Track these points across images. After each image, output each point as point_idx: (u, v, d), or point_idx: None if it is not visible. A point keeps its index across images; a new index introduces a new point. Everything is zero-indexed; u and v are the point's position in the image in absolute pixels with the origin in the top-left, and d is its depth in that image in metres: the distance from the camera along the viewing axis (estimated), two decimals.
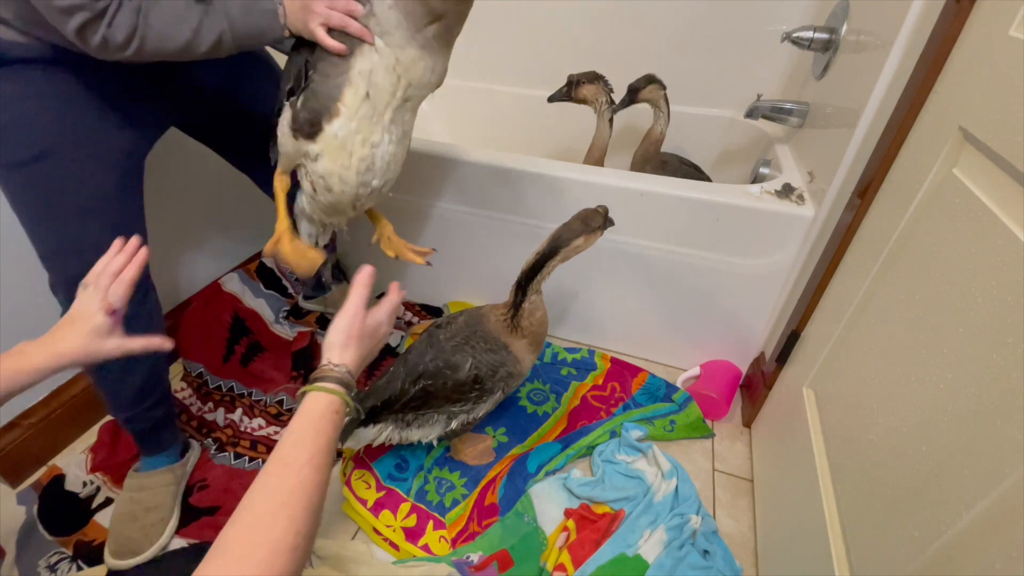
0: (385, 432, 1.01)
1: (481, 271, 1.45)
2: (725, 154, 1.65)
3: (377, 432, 1.00)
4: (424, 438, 1.03)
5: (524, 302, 0.95)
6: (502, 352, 0.98)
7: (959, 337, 0.57)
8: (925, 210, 0.69)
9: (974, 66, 0.65)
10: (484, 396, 1.00)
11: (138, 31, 0.70)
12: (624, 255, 1.25)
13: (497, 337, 0.99)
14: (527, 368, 1.03)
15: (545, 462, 1.13)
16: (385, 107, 0.80)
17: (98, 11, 0.67)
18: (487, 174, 1.27)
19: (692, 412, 1.23)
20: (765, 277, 1.17)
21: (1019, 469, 0.45)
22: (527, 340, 0.99)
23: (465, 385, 0.97)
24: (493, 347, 0.98)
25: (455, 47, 0.84)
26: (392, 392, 0.96)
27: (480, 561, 0.95)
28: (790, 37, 1.21)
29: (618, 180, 1.19)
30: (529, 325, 0.97)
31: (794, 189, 1.12)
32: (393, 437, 1.02)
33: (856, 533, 0.69)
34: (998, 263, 0.53)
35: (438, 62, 0.82)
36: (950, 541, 0.51)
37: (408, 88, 0.81)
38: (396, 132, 0.85)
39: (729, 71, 1.56)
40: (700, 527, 0.99)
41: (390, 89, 0.79)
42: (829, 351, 0.88)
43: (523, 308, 0.95)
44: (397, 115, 0.83)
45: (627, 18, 1.59)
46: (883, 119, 0.86)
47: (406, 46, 0.77)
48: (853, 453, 0.74)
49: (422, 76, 0.81)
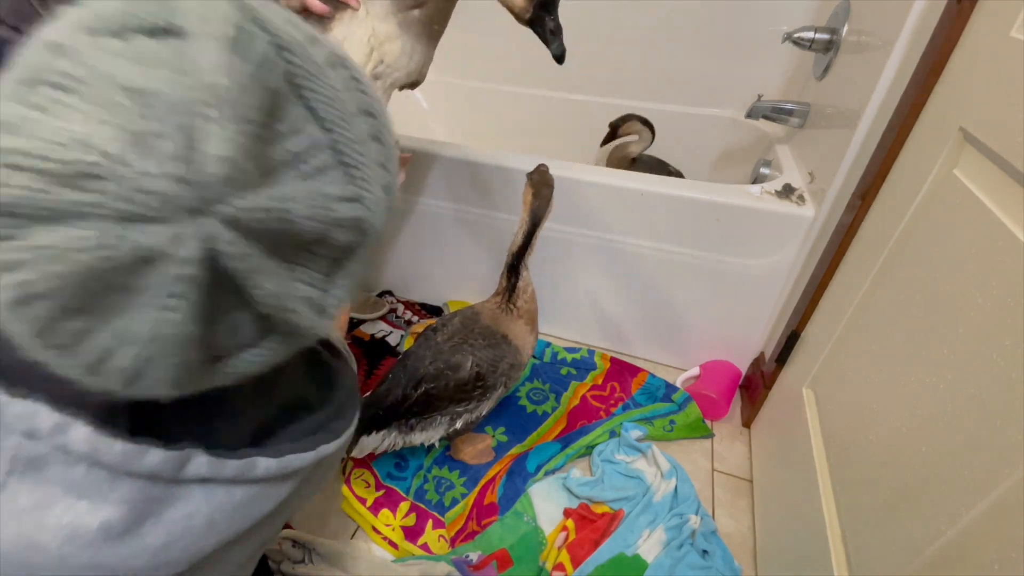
0: (388, 439, 1.00)
1: (480, 270, 1.45)
2: (725, 154, 1.65)
3: (380, 439, 1.00)
4: (427, 441, 1.02)
5: (519, 281, 0.98)
6: (502, 345, 0.99)
7: (959, 337, 0.57)
8: (925, 211, 0.69)
9: (975, 67, 0.65)
10: (487, 393, 1.00)
11: None
12: (624, 255, 1.25)
13: (495, 330, 1.00)
14: (527, 355, 1.04)
15: (544, 462, 1.13)
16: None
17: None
18: (487, 173, 1.27)
19: (692, 412, 1.23)
20: (765, 277, 1.17)
21: (1019, 469, 0.45)
22: (523, 320, 1.01)
23: (468, 384, 0.97)
24: (492, 342, 0.99)
25: (454, 47, 0.84)
26: (394, 399, 0.96)
27: (479, 560, 0.95)
28: (791, 37, 1.21)
29: (618, 180, 1.18)
30: (524, 303, 1.00)
31: (794, 189, 1.12)
32: (396, 442, 1.01)
33: (855, 533, 0.69)
34: (998, 264, 0.53)
35: (416, 49, 0.83)
36: (950, 541, 0.51)
37: (380, 64, 0.81)
38: None
39: (730, 71, 1.56)
40: (699, 527, 0.99)
41: (360, 60, 0.79)
42: (829, 351, 0.88)
43: (517, 287, 0.98)
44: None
45: (628, 18, 1.58)
46: (884, 120, 0.86)
47: (384, 21, 0.78)
48: (853, 453, 0.74)
49: (397, 58, 0.81)
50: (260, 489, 0.38)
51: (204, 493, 0.35)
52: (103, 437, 0.31)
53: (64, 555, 0.31)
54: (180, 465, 0.34)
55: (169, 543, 0.34)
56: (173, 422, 0.35)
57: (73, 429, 0.31)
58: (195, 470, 0.34)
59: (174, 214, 0.25)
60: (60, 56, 0.25)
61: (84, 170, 0.23)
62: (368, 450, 1.01)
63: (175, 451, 0.33)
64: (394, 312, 1.52)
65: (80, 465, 0.31)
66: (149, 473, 0.33)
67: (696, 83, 1.60)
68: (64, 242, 0.23)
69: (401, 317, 1.51)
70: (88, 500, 0.31)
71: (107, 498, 0.32)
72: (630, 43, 1.62)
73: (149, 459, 0.32)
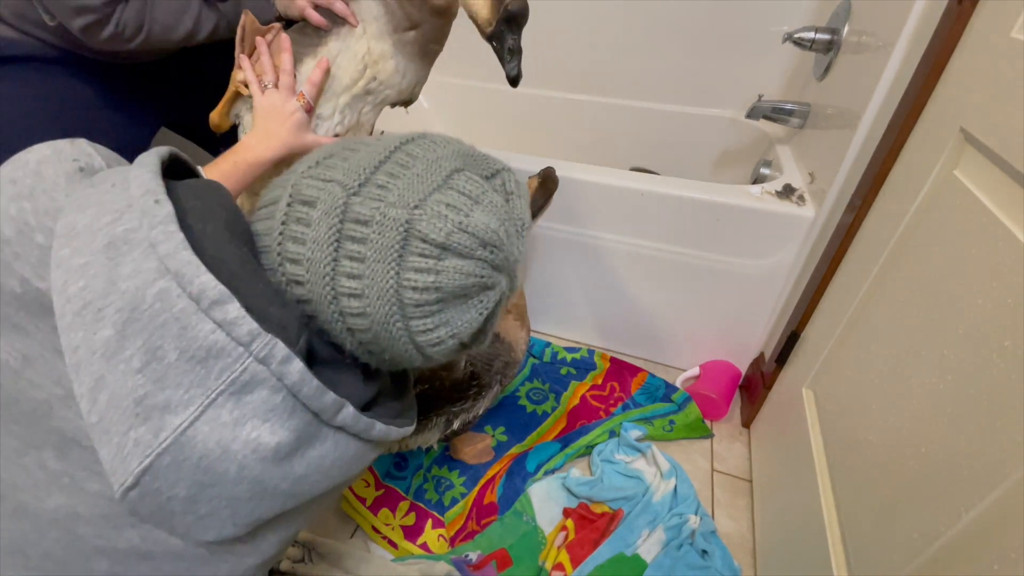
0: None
1: None
2: (726, 154, 1.65)
3: None
4: (424, 444, 1.02)
5: None
6: (494, 343, 0.99)
7: (959, 338, 0.57)
8: (926, 211, 0.69)
9: (976, 68, 0.65)
10: (483, 392, 1.00)
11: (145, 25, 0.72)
12: (624, 255, 1.25)
13: None
14: (522, 352, 1.04)
15: (544, 461, 1.13)
16: (344, 90, 0.82)
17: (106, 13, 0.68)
18: None
19: (691, 412, 1.23)
20: (765, 277, 1.17)
21: (1019, 469, 0.45)
22: (513, 315, 1.01)
23: (463, 383, 0.97)
24: None
25: (454, 47, 0.84)
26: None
27: (479, 560, 0.95)
28: (791, 38, 1.21)
29: (619, 180, 1.18)
30: (513, 299, 0.99)
31: (795, 190, 1.12)
32: (392, 447, 1.01)
33: (855, 534, 0.69)
34: (998, 265, 0.53)
35: (410, 68, 0.85)
36: (949, 542, 0.51)
37: (372, 81, 0.83)
38: (349, 117, 0.87)
39: (730, 71, 1.56)
40: (699, 527, 0.99)
41: (353, 75, 0.82)
42: (829, 352, 0.88)
43: None
44: (354, 102, 0.85)
45: (628, 18, 1.58)
46: (884, 120, 0.85)
47: (380, 40, 0.80)
48: (852, 454, 0.74)
49: (390, 76, 0.84)
50: (366, 449, 0.45)
51: (337, 440, 0.42)
52: (309, 373, 0.37)
53: (244, 464, 0.37)
54: (338, 410, 0.40)
55: (306, 475, 0.40)
56: (325, 375, 0.40)
57: (295, 362, 0.37)
58: (342, 418, 0.40)
59: (505, 269, 0.43)
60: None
61: (491, 241, 0.40)
62: None
63: (339, 397, 0.40)
64: None
65: (282, 393, 0.37)
66: (318, 410, 0.39)
67: (696, 83, 1.60)
68: (465, 268, 0.40)
69: None
70: (271, 423, 0.37)
71: (285, 424, 0.38)
72: (630, 43, 1.62)
73: (325, 399, 0.39)
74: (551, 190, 0.97)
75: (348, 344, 0.43)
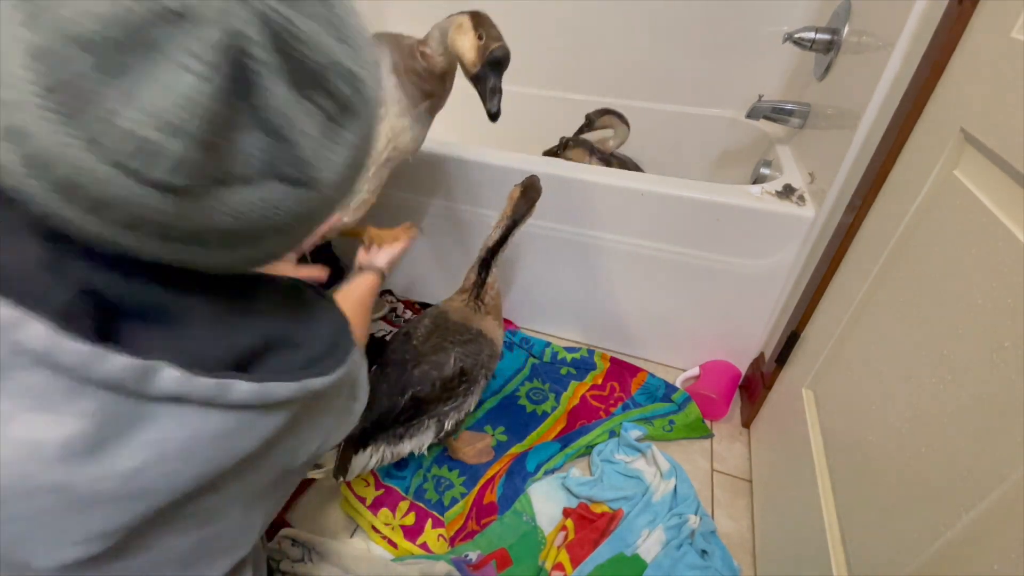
0: (377, 454, 0.98)
1: None
2: (726, 154, 1.65)
3: (369, 456, 0.98)
4: (418, 448, 1.02)
5: (488, 277, 1.02)
6: (479, 339, 1.02)
7: (959, 338, 0.57)
8: (926, 211, 0.69)
9: (976, 68, 0.65)
10: (471, 387, 1.02)
11: None
12: (624, 255, 1.25)
13: (468, 325, 1.03)
14: (500, 346, 1.08)
15: (544, 461, 1.13)
16: (371, 163, 0.93)
17: None
18: (487, 172, 1.27)
19: (691, 412, 1.23)
20: (765, 277, 1.17)
21: (1019, 469, 0.45)
22: (491, 315, 1.05)
23: (453, 380, 0.98)
24: (468, 337, 1.02)
25: None
26: (380, 410, 0.96)
27: (479, 560, 0.95)
28: (792, 38, 1.21)
29: (619, 180, 1.18)
30: (491, 299, 1.04)
31: (795, 190, 1.12)
32: (386, 456, 0.99)
33: (855, 534, 0.69)
34: (998, 265, 0.53)
35: (421, 132, 0.99)
36: (949, 542, 0.51)
37: (393, 151, 0.97)
38: (373, 184, 1.01)
39: (730, 71, 1.56)
40: (698, 527, 0.99)
41: (379, 150, 0.93)
42: (829, 352, 0.88)
43: (486, 284, 1.03)
44: (379, 170, 0.99)
45: (628, 18, 1.58)
46: (884, 120, 0.86)
47: (400, 117, 0.93)
48: (852, 454, 0.74)
49: (408, 144, 0.97)
50: (239, 418, 0.36)
51: (177, 415, 0.33)
52: (61, 335, 0.29)
53: (26, 473, 0.29)
54: (145, 374, 0.31)
55: (141, 469, 0.32)
56: (141, 334, 0.33)
57: (30, 324, 0.28)
58: (164, 385, 0.32)
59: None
60: None
61: None
62: (358, 471, 0.98)
63: (140, 359, 0.31)
64: (395, 312, 1.52)
65: (40, 370, 0.29)
66: (113, 382, 0.30)
67: (696, 83, 1.60)
68: None
69: (401, 317, 1.51)
70: (50, 413, 0.29)
71: (70, 410, 0.30)
72: (630, 43, 1.62)
73: (111, 364, 0.30)
74: (533, 199, 1.00)
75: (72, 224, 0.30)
